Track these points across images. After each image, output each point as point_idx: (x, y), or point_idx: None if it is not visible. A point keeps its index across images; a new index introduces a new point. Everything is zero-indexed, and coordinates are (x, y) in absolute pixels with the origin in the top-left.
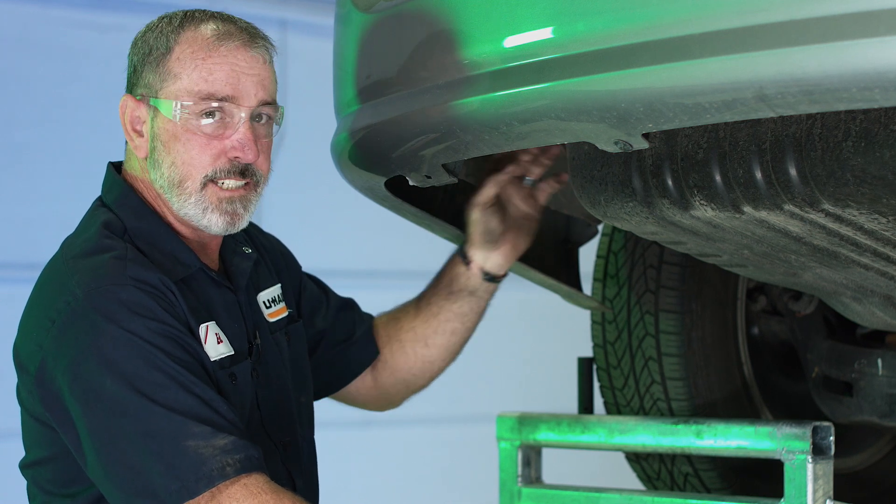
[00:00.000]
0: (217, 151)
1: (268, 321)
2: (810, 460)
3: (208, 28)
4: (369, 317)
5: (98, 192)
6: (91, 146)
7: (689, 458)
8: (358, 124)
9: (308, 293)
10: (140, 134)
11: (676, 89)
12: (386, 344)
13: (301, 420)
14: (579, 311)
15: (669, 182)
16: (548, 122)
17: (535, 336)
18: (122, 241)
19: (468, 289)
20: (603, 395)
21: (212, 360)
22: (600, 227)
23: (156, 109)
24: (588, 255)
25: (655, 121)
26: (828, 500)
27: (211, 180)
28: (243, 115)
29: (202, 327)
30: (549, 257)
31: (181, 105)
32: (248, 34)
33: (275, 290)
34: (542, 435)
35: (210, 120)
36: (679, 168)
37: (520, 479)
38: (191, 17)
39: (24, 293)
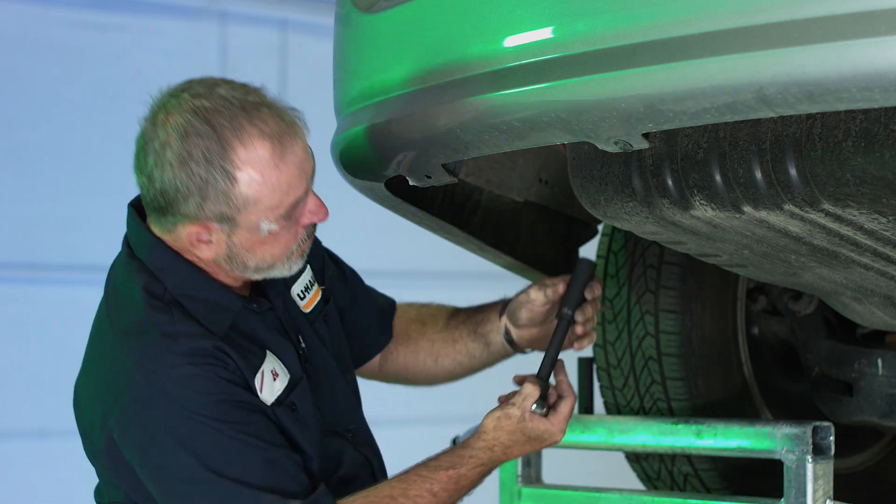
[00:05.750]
0: (298, 231)
1: (305, 314)
2: (810, 460)
3: (264, 144)
4: (390, 304)
5: (94, 192)
6: (91, 146)
7: (689, 458)
8: (358, 124)
9: (329, 274)
10: (206, 243)
11: (677, 89)
12: (403, 342)
13: (353, 399)
14: None
15: (669, 182)
16: (548, 121)
17: None
18: (166, 307)
19: (487, 337)
20: (603, 395)
21: (270, 404)
22: (600, 227)
23: (233, 229)
24: (588, 255)
25: (656, 121)
26: (828, 500)
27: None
28: (309, 193)
29: (257, 377)
30: (549, 257)
31: (267, 221)
32: (286, 122)
33: (306, 276)
34: None
35: (290, 217)
36: (679, 168)
37: (520, 478)
38: (224, 131)
39: (21, 293)
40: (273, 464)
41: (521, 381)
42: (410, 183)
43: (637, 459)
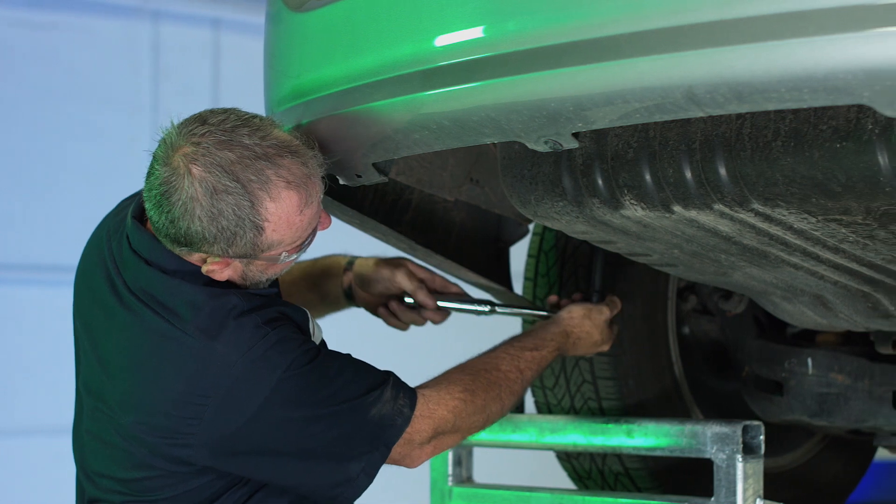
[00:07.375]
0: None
1: None
2: (740, 459)
3: (290, 195)
4: None
5: (27, 191)
6: (23, 145)
7: (619, 458)
8: (288, 123)
9: None
10: (220, 270)
11: (606, 89)
12: None
13: None
14: None
15: (600, 181)
16: (478, 121)
17: (469, 336)
18: (223, 293)
19: (325, 289)
20: (534, 395)
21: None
22: (531, 227)
23: (251, 261)
24: (519, 254)
25: (585, 120)
26: (758, 499)
27: None
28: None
29: (310, 325)
30: (481, 256)
31: (286, 254)
32: (307, 166)
33: None
34: (474, 434)
35: (305, 243)
36: (609, 167)
37: (451, 478)
38: (252, 186)
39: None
40: (359, 369)
41: (581, 296)
42: (341, 182)
43: (568, 458)
